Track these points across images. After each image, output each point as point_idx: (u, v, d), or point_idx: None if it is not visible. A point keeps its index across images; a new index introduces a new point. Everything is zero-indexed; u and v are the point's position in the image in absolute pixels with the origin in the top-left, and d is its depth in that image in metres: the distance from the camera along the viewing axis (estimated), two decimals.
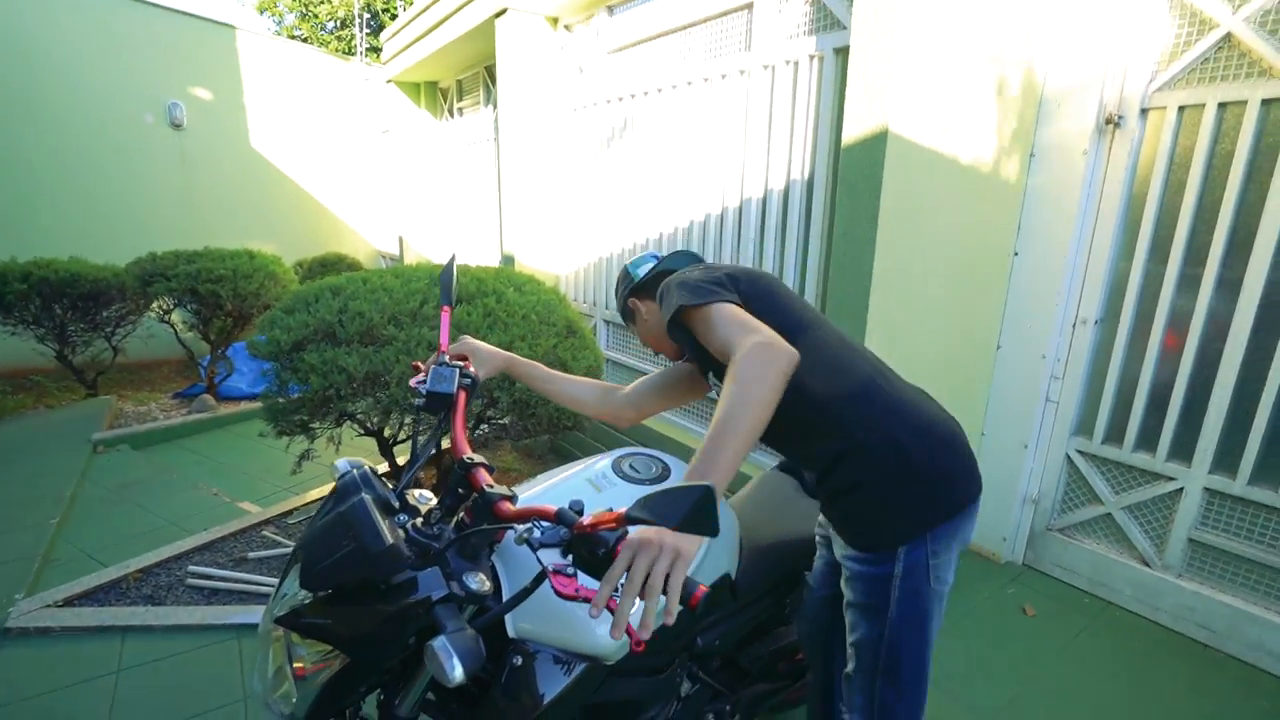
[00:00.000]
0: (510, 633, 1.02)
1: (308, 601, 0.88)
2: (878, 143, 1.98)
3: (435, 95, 6.07)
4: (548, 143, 4.06)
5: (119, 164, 6.10)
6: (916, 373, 2.41)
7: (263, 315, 2.64)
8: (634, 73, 3.45)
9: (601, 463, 1.28)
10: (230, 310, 4.70)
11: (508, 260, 4.19)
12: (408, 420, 2.46)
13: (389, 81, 5.99)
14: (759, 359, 0.92)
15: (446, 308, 1.26)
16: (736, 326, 1.01)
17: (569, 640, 1.02)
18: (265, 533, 2.90)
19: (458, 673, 0.77)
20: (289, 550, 2.74)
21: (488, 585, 0.90)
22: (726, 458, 0.84)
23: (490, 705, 0.99)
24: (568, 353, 2.59)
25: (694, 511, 0.63)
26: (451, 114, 5.90)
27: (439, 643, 0.79)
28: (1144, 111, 2.34)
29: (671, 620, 0.74)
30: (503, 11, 3.71)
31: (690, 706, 1.37)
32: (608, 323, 3.95)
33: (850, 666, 1.24)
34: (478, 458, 1.05)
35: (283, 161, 7.14)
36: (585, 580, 0.77)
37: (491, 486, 0.96)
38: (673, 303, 1.09)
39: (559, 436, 3.69)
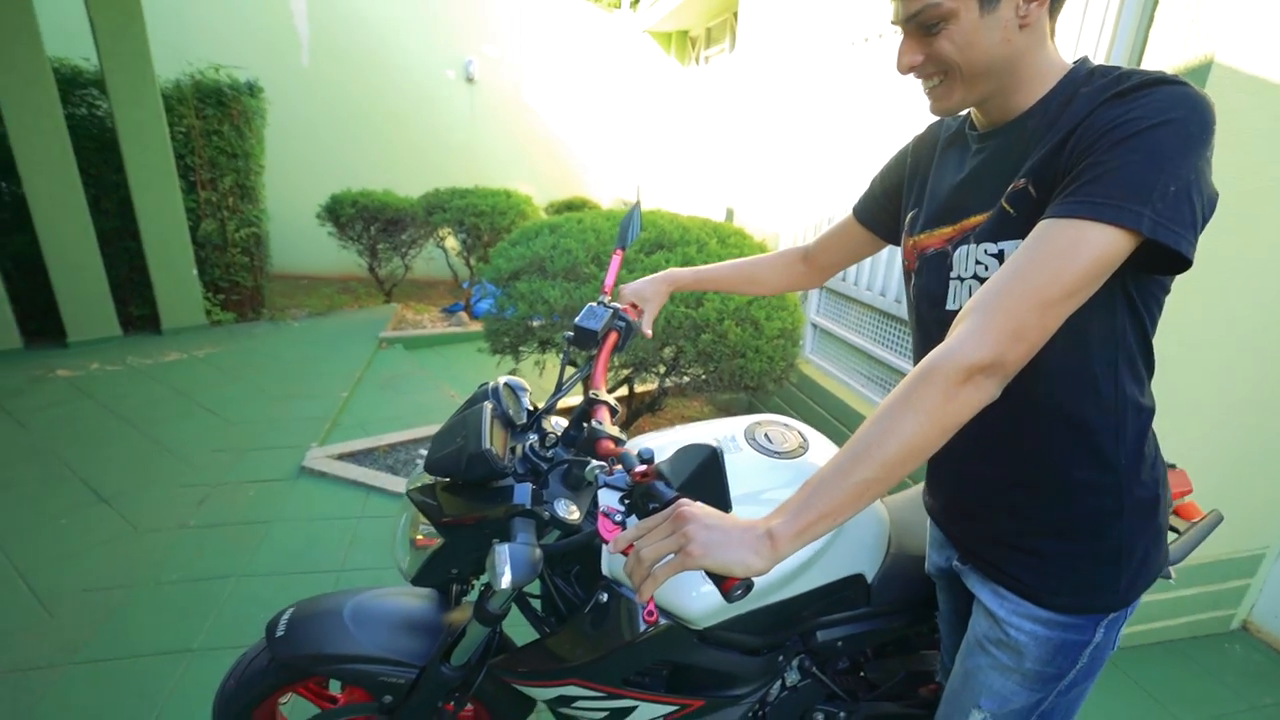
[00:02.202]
0: (603, 570, 1.04)
1: (432, 483, 1.00)
2: (1197, 80, 1.48)
3: (685, 43, 6.13)
4: (782, 89, 3.84)
5: (425, 113, 7.34)
6: (1207, 395, 1.85)
7: (496, 246, 2.99)
8: (876, 11, 3.06)
9: (736, 426, 1.21)
10: (488, 241, 5.45)
11: (728, 214, 4.14)
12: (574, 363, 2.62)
13: (643, 31, 6.18)
14: (966, 394, 0.65)
15: (619, 251, 1.27)
16: (1038, 312, 0.65)
17: (657, 594, 1.00)
18: None
19: (505, 580, 0.81)
20: None
21: (576, 515, 0.92)
22: (858, 484, 0.64)
23: (572, 630, 1.03)
24: (761, 312, 2.50)
25: (698, 472, 0.55)
26: (698, 61, 5.91)
27: (501, 548, 0.83)
28: None
29: (640, 600, 0.66)
30: None
31: (797, 698, 1.28)
32: (822, 289, 3.70)
33: None
34: (604, 395, 1.07)
35: (546, 110, 7.91)
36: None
37: (603, 423, 0.97)
38: (1165, 181, 0.65)
39: (752, 395, 3.61)
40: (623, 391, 3.32)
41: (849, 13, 3.30)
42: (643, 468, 0.73)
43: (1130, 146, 0.66)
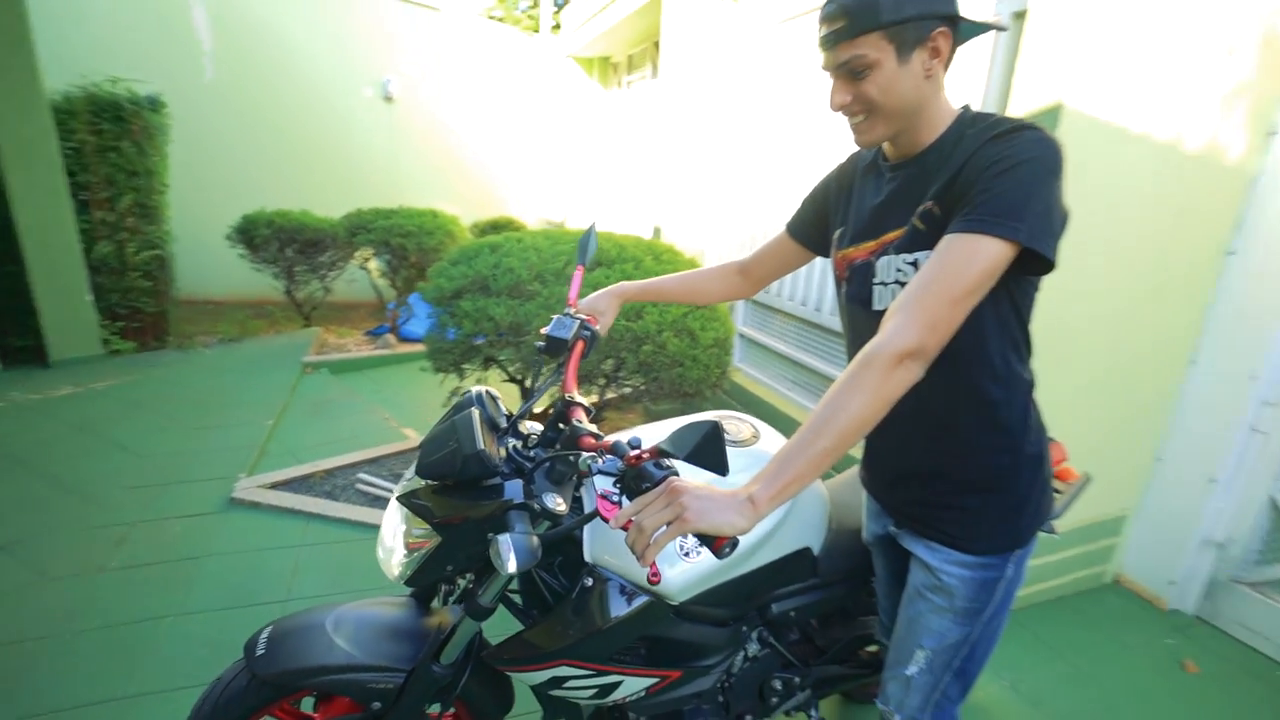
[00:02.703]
0: (586, 557, 1.13)
1: (421, 488, 1.06)
2: (1048, 121, 1.77)
3: (607, 68, 6.34)
4: (703, 115, 4.09)
5: (342, 132, 7.14)
6: (1077, 380, 2.17)
7: (434, 265, 3.00)
8: (800, 44, 3.35)
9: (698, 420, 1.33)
10: (414, 262, 5.37)
11: (656, 232, 4.32)
12: (544, 371, 2.68)
13: (567, 56, 6.34)
14: (898, 375, 0.80)
15: (580, 267, 1.37)
16: (948, 308, 0.82)
17: (637, 575, 1.11)
18: None
19: (510, 565, 0.89)
20: None
21: (562, 507, 1.01)
22: (819, 452, 0.77)
23: (559, 615, 1.11)
24: (696, 323, 2.65)
25: (701, 444, 0.67)
26: (620, 86, 6.13)
27: (503, 538, 0.91)
28: None
29: (643, 565, 0.77)
30: None
31: (757, 667, 1.41)
32: (748, 301, 3.94)
33: (912, 670, 1.18)
34: (578, 398, 1.16)
35: (468, 131, 7.89)
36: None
37: (581, 422, 1.07)
38: (1035, 204, 0.83)
39: (686, 403, 3.78)
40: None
41: (765, 45, 3.58)
42: (635, 453, 0.83)
43: (1008, 177, 0.85)
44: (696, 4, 3.88)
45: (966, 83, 2.15)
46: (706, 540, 0.76)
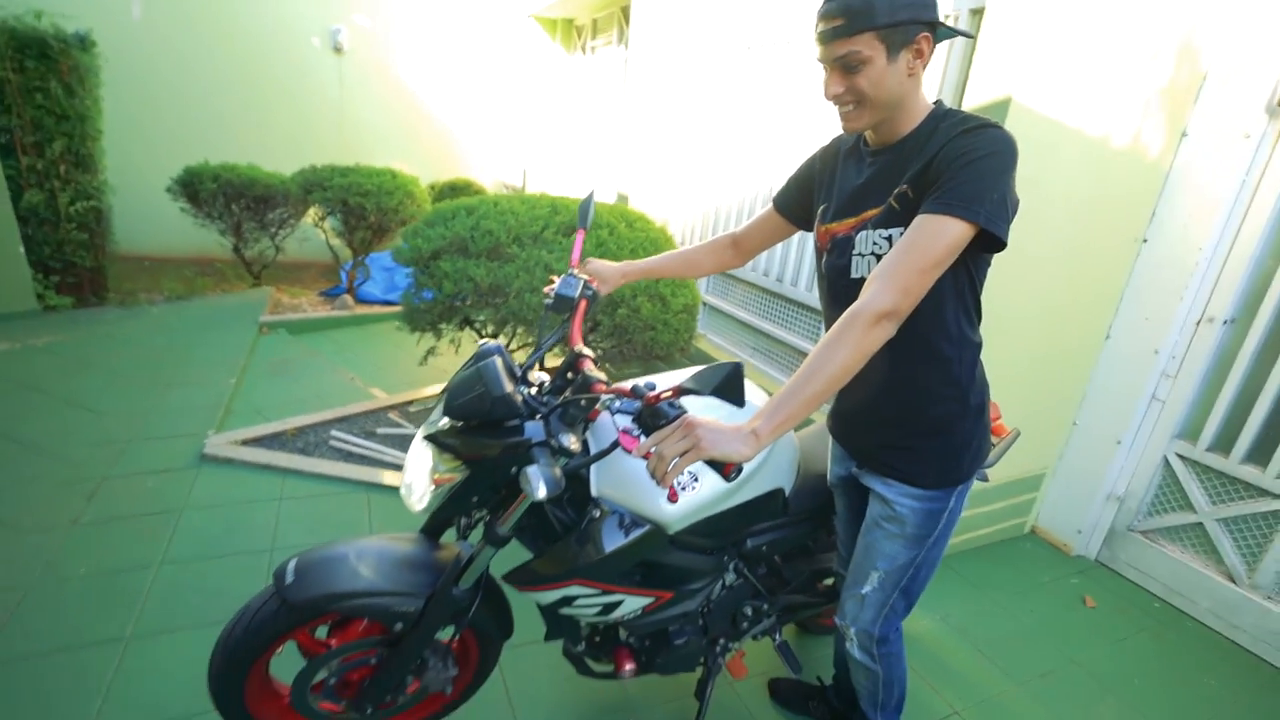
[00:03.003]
0: (593, 492, 1.28)
1: (447, 428, 1.18)
2: (999, 112, 1.98)
3: (570, 31, 6.27)
4: (672, 88, 4.17)
5: (289, 83, 6.82)
6: (1014, 350, 2.43)
7: (406, 227, 3.03)
8: (769, 22, 3.47)
9: (686, 375, 1.49)
10: (373, 222, 5.28)
11: (621, 199, 4.41)
12: (519, 331, 2.78)
13: (530, 16, 6.23)
14: (875, 332, 0.97)
15: (582, 230, 1.49)
16: (918, 276, 0.99)
17: (639, 506, 1.27)
18: (391, 415, 3.39)
19: (541, 492, 1.04)
20: (410, 432, 3.21)
21: (576, 445, 1.15)
22: (809, 395, 0.94)
23: (567, 544, 1.26)
24: (668, 289, 2.80)
25: (725, 381, 0.83)
26: (584, 51, 6.10)
27: (531, 469, 1.06)
28: None
29: (663, 487, 0.93)
30: None
31: (732, 595, 1.60)
32: None
33: (867, 589, 1.40)
34: (585, 350, 1.30)
35: (423, 88, 7.65)
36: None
37: (591, 370, 1.21)
38: (992, 191, 1.00)
39: (652, 366, 3.95)
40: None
41: (738, 21, 3.68)
42: (653, 394, 0.98)
43: (972, 168, 1.02)
44: None
45: (927, 75, 2.34)
46: (716, 466, 0.93)
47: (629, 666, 1.47)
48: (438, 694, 1.58)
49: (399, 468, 2.87)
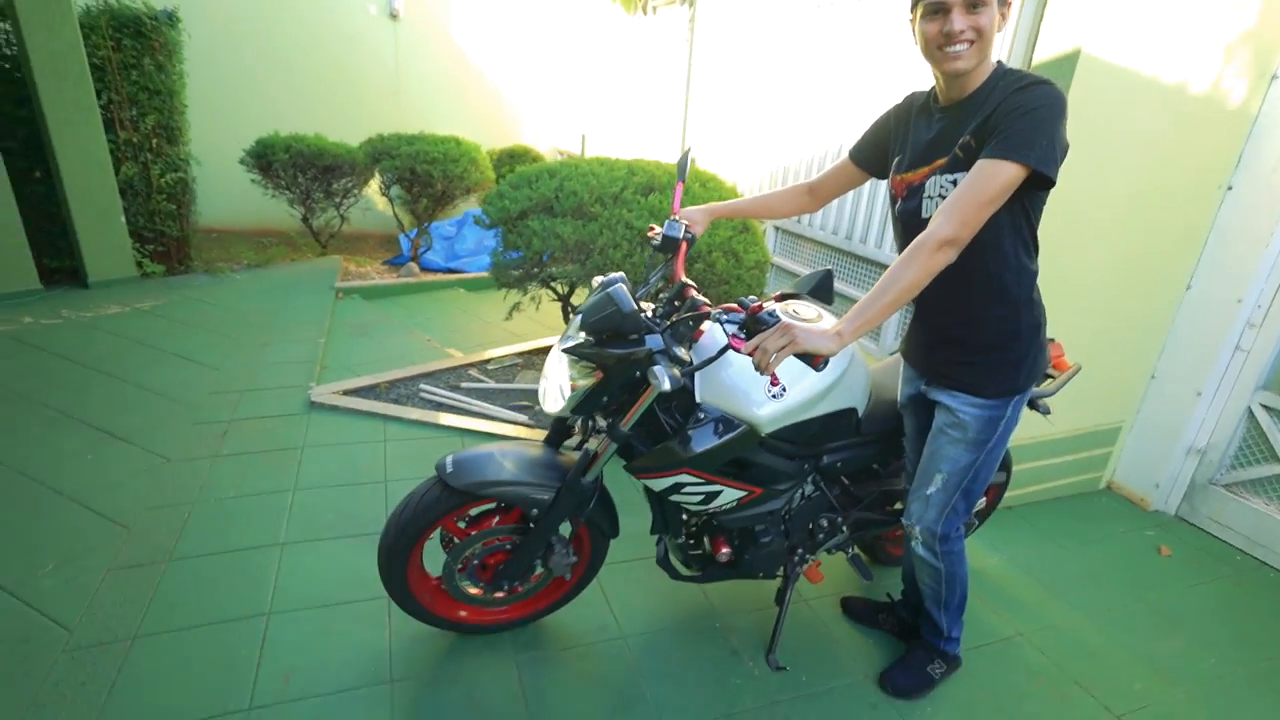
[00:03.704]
0: (697, 398, 1.65)
1: (583, 341, 1.56)
2: (1067, 65, 2.22)
3: None
4: (740, 45, 4.45)
5: (346, 51, 7.38)
6: (1090, 300, 2.67)
7: (489, 190, 3.44)
8: None
9: (773, 305, 1.82)
10: (438, 190, 5.76)
11: (687, 157, 4.72)
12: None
13: None
14: (938, 256, 1.28)
15: (680, 183, 1.84)
16: (976, 210, 1.28)
17: (736, 409, 1.63)
18: (471, 372, 3.85)
19: (666, 385, 1.41)
20: (491, 386, 3.66)
21: (687, 356, 1.52)
22: (883, 305, 1.28)
23: (680, 440, 1.63)
24: (740, 245, 3.13)
25: (819, 284, 1.17)
26: (645, 10, 6.38)
27: (657, 368, 1.42)
28: None
29: (766, 373, 1.26)
30: None
31: (810, 506, 1.96)
32: (776, 229, 4.40)
33: (931, 490, 1.72)
34: (690, 281, 1.66)
35: (478, 53, 8.11)
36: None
37: (697, 295, 1.57)
38: (1043, 138, 1.28)
39: None
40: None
41: None
42: (754, 305, 1.34)
43: (1026, 119, 1.31)
44: None
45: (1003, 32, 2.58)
46: (807, 360, 1.28)
47: (724, 550, 1.85)
48: (558, 581, 1.99)
49: (487, 417, 3.32)
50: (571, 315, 3.71)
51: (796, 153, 4.13)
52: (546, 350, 4.31)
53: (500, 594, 1.92)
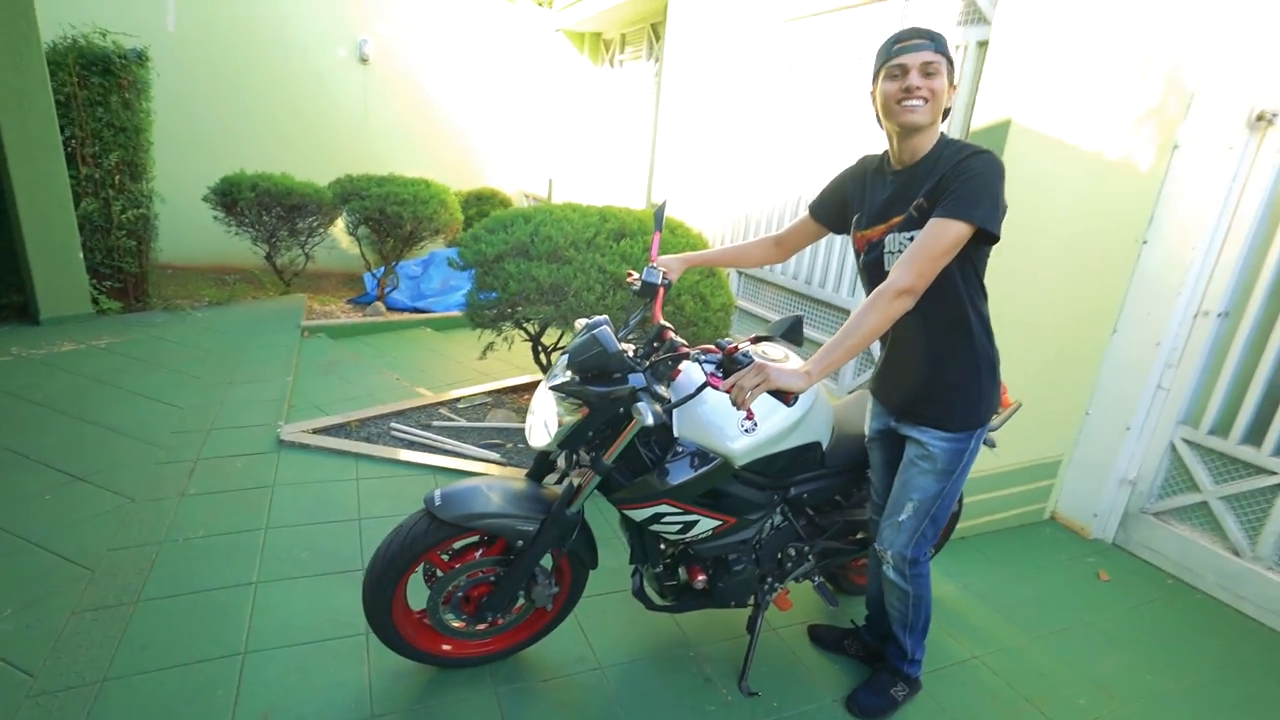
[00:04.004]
0: (674, 433, 1.76)
1: (568, 380, 1.66)
2: (999, 133, 2.48)
3: (598, 45, 6.88)
4: (706, 102, 4.72)
5: (316, 93, 7.47)
6: (1029, 345, 2.91)
7: (463, 234, 3.55)
8: (798, 44, 4.01)
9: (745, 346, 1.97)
10: (407, 231, 5.83)
11: (654, 207, 4.93)
12: (566, 331, 3.28)
13: (557, 30, 6.85)
14: (896, 304, 1.45)
15: (658, 232, 1.99)
16: (929, 263, 1.45)
17: (712, 443, 1.75)
18: (441, 410, 3.89)
19: (649, 420, 1.52)
20: (462, 424, 3.70)
21: (667, 393, 1.64)
22: (847, 347, 1.44)
23: (659, 473, 1.74)
24: (707, 289, 3.30)
25: (790, 329, 1.31)
26: (612, 64, 6.70)
27: (640, 404, 1.54)
28: None
29: (742, 409, 1.40)
30: None
31: (779, 536, 2.07)
32: (740, 274, 4.62)
33: (903, 517, 1.86)
34: (667, 324, 1.79)
35: (446, 97, 8.29)
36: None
37: (675, 337, 1.70)
38: (986, 200, 1.47)
39: None
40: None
41: (770, 43, 4.23)
42: (730, 346, 1.47)
43: (971, 183, 1.49)
44: None
45: None
46: (780, 396, 1.41)
47: (700, 578, 1.94)
48: (538, 612, 2.05)
49: (460, 455, 3.36)
50: (543, 355, 3.81)
51: (759, 203, 4.37)
52: (516, 389, 4.38)
53: (482, 626, 1.96)
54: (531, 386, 4.47)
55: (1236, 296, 2.87)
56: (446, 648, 1.97)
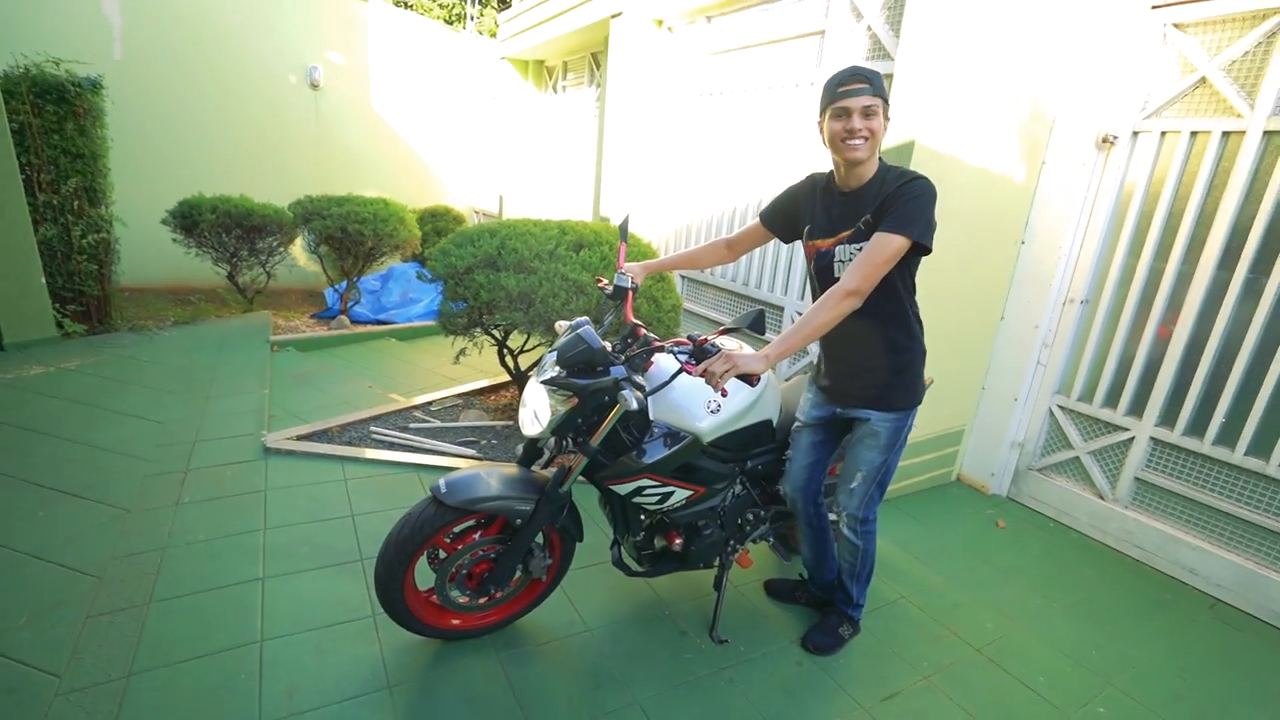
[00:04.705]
0: (650, 416, 1.91)
1: (557, 374, 1.78)
2: (905, 152, 2.74)
3: (541, 72, 6.94)
4: (646, 125, 4.88)
5: (268, 118, 7.23)
6: (935, 330, 3.18)
7: (433, 248, 3.59)
8: (726, 74, 4.23)
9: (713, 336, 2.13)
10: (369, 248, 5.75)
11: (602, 219, 5.05)
12: (531, 336, 3.38)
13: (502, 58, 6.87)
14: (845, 303, 1.64)
15: (623, 243, 2.12)
16: (874, 270, 1.65)
17: (684, 424, 1.91)
18: (417, 414, 3.91)
19: (634, 404, 1.66)
20: (439, 425, 3.74)
21: (644, 383, 1.78)
22: (801, 335, 1.63)
23: (638, 452, 1.88)
24: (659, 292, 3.46)
25: (754, 321, 1.49)
26: (555, 90, 6.77)
27: (625, 392, 1.68)
28: (1134, 134, 3.01)
29: (716, 390, 1.56)
30: (618, 14, 4.51)
31: (739, 503, 2.24)
32: (684, 277, 4.80)
33: (855, 484, 2.05)
34: (639, 322, 1.93)
35: (397, 121, 8.17)
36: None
37: (647, 333, 1.85)
38: (922, 218, 1.67)
39: None
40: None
41: (702, 71, 4.43)
42: (701, 339, 1.63)
43: (910, 204, 1.68)
44: (640, 32, 4.66)
45: None
46: (745, 378, 1.57)
47: (677, 542, 2.09)
48: (534, 583, 2.15)
49: (439, 453, 3.40)
50: (509, 358, 3.88)
51: (698, 214, 4.57)
52: (484, 391, 4.43)
53: (485, 599, 2.05)
54: (498, 388, 4.53)
55: (1094, 286, 3.24)
56: (455, 622, 2.06)
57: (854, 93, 1.71)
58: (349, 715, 1.83)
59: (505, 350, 3.86)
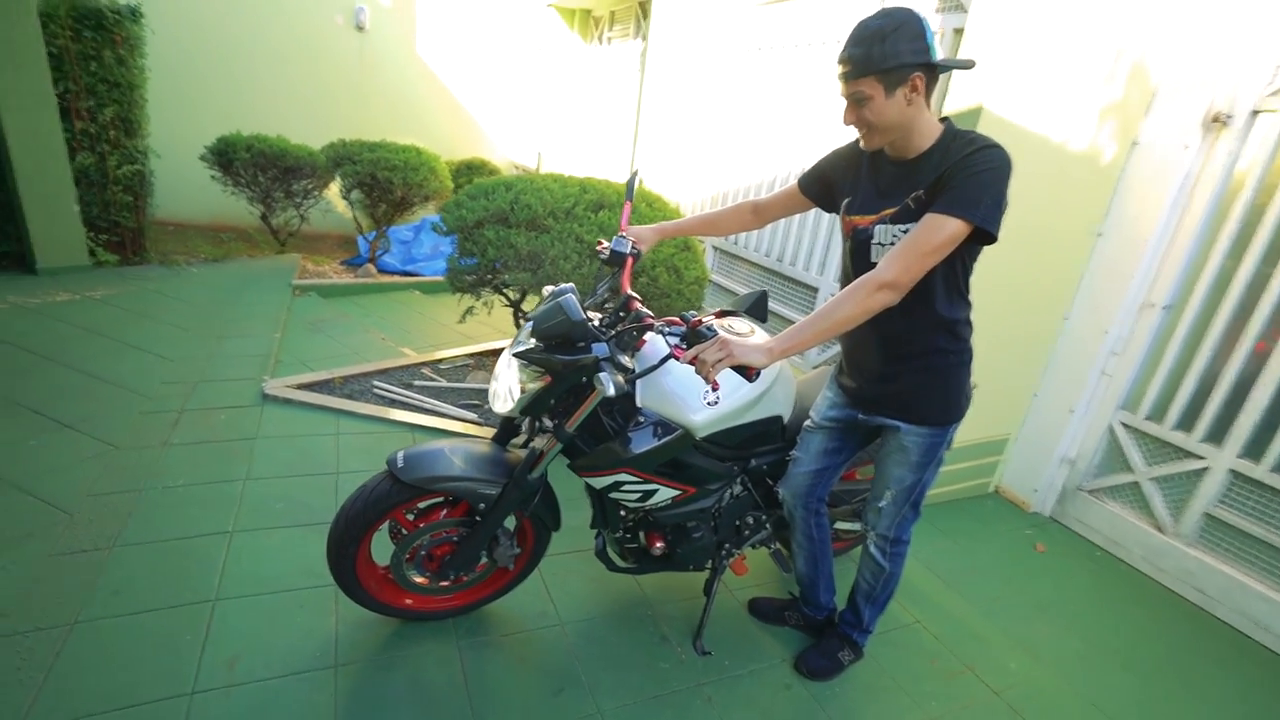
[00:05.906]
0: (638, 403, 1.68)
1: (533, 348, 1.56)
2: (971, 118, 2.37)
3: (588, 22, 6.59)
4: (688, 81, 4.53)
5: (312, 58, 7.12)
6: (983, 328, 2.82)
7: (448, 199, 3.39)
8: (777, 26, 3.84)
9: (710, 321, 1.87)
10: (398, 196, 5.62)
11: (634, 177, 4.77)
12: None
13: (549, 4, 6.55)
14: (877, 296, 1.33)
15: (629, 202, 1.86)
16: (919, 260, 1.32)
17: (673, 414, 1.67)
18: (424, 371, 3.78)
19: (611, 390, 1.42)
20: (443, 385, 3.60)
21: (630, 363, 1.55)
22: (817, 331, 1.32)
23: (620, 441, 1.66)
24: (682, 262, 3.19)
25: (755, 303, 1.22)
26: (600, 41, 6.43)
27: (603, 374, 1.44)
28: (1254, 113, 2.54)
29: (707, 382, 1.28)
30: None
31: (737, 505, 2.01)
32: (715, 248, 4.50)
33: (883, 503, 1.78)
34: (634, 294, 1.69)
35: (441, 68, 7.96)
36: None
37: (641, 308, 1.60)
38: (988, 197, 1.32)
39: None
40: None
41: (750, 24, 4.05)
42: (695, 319, 1.37)
43: (975, 179, 1.33)
44: None
45: None
46: (742, 371, 1.32)
47: (659, 545, 1.88)
48: (501, 570, 1.98)
49: (438, 414, 3.26)
50: (522, 321, 3.69)
51: (736, 179, 4.23)
52: (497, 352, 4.27)
53: (445, 583, 1.89)
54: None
55: (1181, 291, 2.81)
56: (409, 602, 1.91)
57: (842, 76, 1.40)
58: (287, 691, 1.70)
59: (520, 313, 3.67)
